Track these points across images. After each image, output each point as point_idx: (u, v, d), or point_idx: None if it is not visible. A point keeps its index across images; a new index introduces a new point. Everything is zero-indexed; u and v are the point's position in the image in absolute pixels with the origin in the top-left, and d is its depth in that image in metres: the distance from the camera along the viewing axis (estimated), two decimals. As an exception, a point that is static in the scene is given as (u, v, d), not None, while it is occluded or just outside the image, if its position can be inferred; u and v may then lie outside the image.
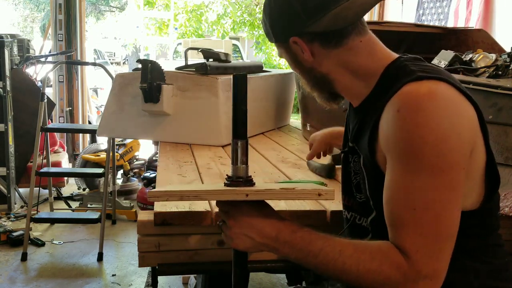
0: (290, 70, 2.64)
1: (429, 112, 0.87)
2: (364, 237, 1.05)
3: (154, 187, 2.72)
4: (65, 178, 4.56)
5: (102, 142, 4.68)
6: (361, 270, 0.88)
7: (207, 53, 2.58)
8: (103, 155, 4.23)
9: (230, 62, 2.62)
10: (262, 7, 1.13)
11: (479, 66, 1.82)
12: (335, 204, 1.34)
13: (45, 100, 3.38)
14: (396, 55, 1.05)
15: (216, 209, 1.16)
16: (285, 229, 0.93)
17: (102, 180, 3.70)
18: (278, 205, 1.31)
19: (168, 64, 9.27)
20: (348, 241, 0.92)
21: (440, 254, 0.88)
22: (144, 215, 1.31)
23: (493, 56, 1.84)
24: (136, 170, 4.56)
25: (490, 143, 0.97)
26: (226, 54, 2.63)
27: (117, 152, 4.10)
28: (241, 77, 0.96)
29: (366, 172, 1.02)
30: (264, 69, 3.00)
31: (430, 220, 0.87)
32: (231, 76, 0.97)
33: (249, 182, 0.95)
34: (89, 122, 5.73)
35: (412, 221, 0.88)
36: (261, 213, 0.94)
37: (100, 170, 3.50)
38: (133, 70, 2.52)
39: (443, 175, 0.86)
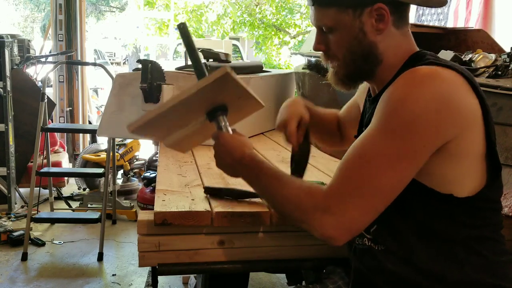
0: (290, 70, 2.63)
1: (423, 87, 0.90)
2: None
3: (154, 187, 2.72)
4: (65, 178, 4.56)
5: (102, 142, 4.68)
6: (285, 193, 0.98)
7: (207, 53, 2.57)
8: (103, 155, 4.23)
9: (230, 62, 2.62)
10: None
11: (478, 66, 1.82)
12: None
13: (45, 100, 3.38)
14: (417, 48, 1.07)
15: (216, 209, 1.27)
16: (247, 156, 1.07)
17: (102, 180, 3.71)
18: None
19: (168, 64, 9.27)
20: (289, 175, 1.04)
21: (359, 204, 0.90)
22: (144, 215, 1.31)
23: (492, 56, 1.84)
24: (136, 170, 4.56)
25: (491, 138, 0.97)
26: (226, 54, 2.63)
27: (117, 152, 4.10)
28: (182, 25, 1.09)
29: None
30: (264, 69, 3.00)
31: (367, 172, 0.91)
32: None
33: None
34: (89, 122, 5.73)
35: (351, 165, 0.93)
36: (236, 140, 1.08)
37: (100, 170, 3.50)
38: (133, 70, 2.52)
39: (402, 142, 0.90)
